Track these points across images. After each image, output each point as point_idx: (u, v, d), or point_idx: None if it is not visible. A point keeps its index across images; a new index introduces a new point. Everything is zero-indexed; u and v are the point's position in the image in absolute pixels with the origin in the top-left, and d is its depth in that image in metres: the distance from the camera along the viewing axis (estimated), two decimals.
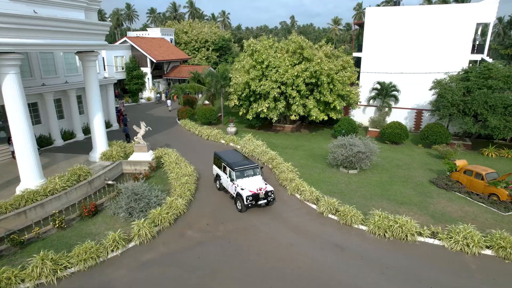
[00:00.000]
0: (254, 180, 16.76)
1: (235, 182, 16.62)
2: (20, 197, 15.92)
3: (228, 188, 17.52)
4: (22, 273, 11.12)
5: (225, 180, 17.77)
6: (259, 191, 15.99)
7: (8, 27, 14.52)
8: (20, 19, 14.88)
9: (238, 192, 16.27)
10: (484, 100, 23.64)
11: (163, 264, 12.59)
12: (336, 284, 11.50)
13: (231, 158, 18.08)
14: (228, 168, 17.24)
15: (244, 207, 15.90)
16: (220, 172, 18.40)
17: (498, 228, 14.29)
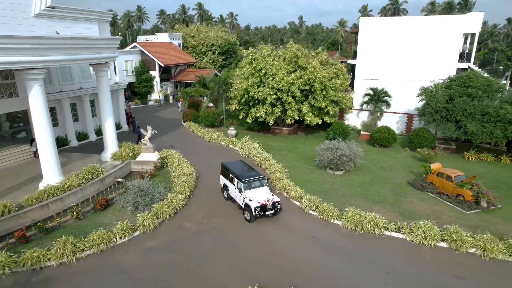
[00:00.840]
0: (262, 191, 17.61)
1: (243, 193, 17.39)
2: (43, 192, 18.49)
3: (236, 198, 18.30)
4: (48, 253, 13.63)
5: (233, 190, 18.58)
6: (266, 202, 16.86)
7: (35, 47, 17.05)
8: (45, 40, 17.41)
9: (246, 203, 17.09)
10: (463, 108, 25.43)
11: (163, 250, 14.96)
12: (311, 271, 13.67)
13: (238, 169, 18.78)
14: (236, 179, 18.02)
15: (253, 217, 16.76)
16: (227, 182, 19.19)
17: (456, 224, 16.24)
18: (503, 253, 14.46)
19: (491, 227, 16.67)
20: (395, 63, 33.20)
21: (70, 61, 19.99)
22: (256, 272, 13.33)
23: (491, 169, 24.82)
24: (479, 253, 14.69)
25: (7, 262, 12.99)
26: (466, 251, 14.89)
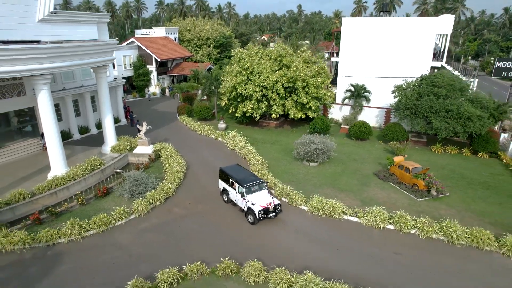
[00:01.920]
0: (262, 195, 18.73)
1: (245, 197, 18.45)
2: (51, 182, 21.33)
3: (238, 202, 19.29)
4: (59, 232, 16.55)
5: (233, 194, 19.55)
6: (269, 206, 18.06)
7: (42, 57, 19.56)
8: (51, 49, 19.89)
9: (249, 207, 18.16)
10: (430, 105, 27.96)
11: (154, 231, 17.86)
12: (274, 247, 16.55)
13: (238, 174, 19.75)
14: (237, 184, 18.94)
15: (257, 220, 17.87)
16: (227, 187, 20.11)
17: (405, 210, 19.05)
18: (437, 233, 17.32)
19: (435, 212, 19.52)
20: (375, 61, 35.50)
21: (73, 66, 22.53)
22: (230, 248, 16.22)
23: (452, 161, 27.54)
24: (418, 233, 17.56)
25: (27, 239, 15.93)
26: (408, 232, 17.76)
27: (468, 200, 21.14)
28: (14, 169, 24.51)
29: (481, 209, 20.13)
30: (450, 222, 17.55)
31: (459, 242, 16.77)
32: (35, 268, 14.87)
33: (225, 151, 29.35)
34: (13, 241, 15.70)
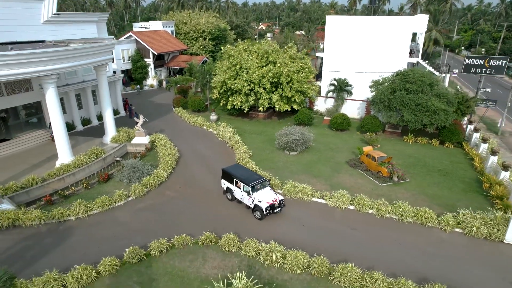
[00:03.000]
0: (266, 192, 20.10)
1: (252, 195, 19.79)
2: (59, 169, 24.32)
3: (244, 200, 20.57)
4: (69, 211, 19.62)
5: (238, 193, 20.79)
6: (274, 202, 19.50)
7: (50, 59, 22.23)
8: (57, 52, 22.54)
9: (256, 204, 19.49)
10: (401, 99, 30.69)
11: (149, 210, 20.91)
12: (249, 223, 19.61)
13: (242, 174, 21.06)
14: (242, 183, 20.19)
15: (264, 216, 19.36)
16: (231, 186, 21.32)
17: (365, 194, 22.05)
18: (390, 212, 20.35)
19: (393, 195, 22.51)
20: (357, 57, 38.01)
21: (77, 66, 25.20)
22: (211, 224, 19.27)
23: (420, 150, 30.42)
24: (374, 213, 20.60)
25: (42, 216, 19.02)
26: (366, 212, 20.79)
27: (424, 185, 24.12)
28: (25, 158, 27.48)
29: (433, 192, 23.13)
30: (401, 203, 20.56)
31: (407, 220, 19.83)
32: (50, 239, 17.99)
33: (215, 141, 32.26)
34: (31, 217, 18.79)
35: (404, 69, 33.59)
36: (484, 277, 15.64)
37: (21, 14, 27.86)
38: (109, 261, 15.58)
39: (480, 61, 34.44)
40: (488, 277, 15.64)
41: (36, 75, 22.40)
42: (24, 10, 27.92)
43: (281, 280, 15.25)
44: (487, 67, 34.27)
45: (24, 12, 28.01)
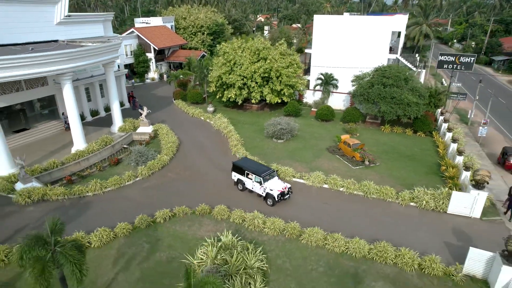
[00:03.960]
0: (275, 181, 22.62)
1: (263, 185, 22.20)
2: (75, 154, 28.02)
3: (255, 190, 22.88)
4: (87, 188, 23.40)
5: (250, 184, 23.08)
6: (284, 189, 22.12)
7: (66, 59, 25.72)
8: (71, 53, 26.01)
9: (268, 193, 21.89)
10: (378, 93, 34.19)
11: (154, 188, 24.67)
12: (238, 198, 23.38)
13: (252, 166, 23.30)
14: (253, 175, 22.47)
15: (276, 202, 21.84)
16: (242, 178, 23.52)
17: (338, 175, 25.76)
18: (357, 190, 24.08)
19: (363, 176, 26.17)
20: (342, 53, 41.35)
21: (89, 65, 28.71)
22: (206, 198, 23.00)
23: (395, 139, 34.05)
24: (344, 190, 24.35)
25: (65, 192, 22.82)
26: (338, 190, 24.54)
27: (392, 168, 27.85)
28: (43, 145, 31.17)
29: (398, 174, 26.86)
30: (367, 182, 24.28)
31: (371, 196, 23.59)
32: (73, 210, 21.80)
33: (211, 131, 35.89)
34: (57, 193, 22.59)
35: (383, 65, 36.97)
36: (425, 238, 19.44)
37: (37, 16, 31.22)
38: (123, 226, 19.42)
39: (452, 58, 37.81)
40: (428, 238, 19.43)
41: (56, 73, 25.93)
42: (39, 13, 31.28)
43: (261, 240, 19.08)
44: (458, 63, 37.66)
45: (39, 15, 31.37)
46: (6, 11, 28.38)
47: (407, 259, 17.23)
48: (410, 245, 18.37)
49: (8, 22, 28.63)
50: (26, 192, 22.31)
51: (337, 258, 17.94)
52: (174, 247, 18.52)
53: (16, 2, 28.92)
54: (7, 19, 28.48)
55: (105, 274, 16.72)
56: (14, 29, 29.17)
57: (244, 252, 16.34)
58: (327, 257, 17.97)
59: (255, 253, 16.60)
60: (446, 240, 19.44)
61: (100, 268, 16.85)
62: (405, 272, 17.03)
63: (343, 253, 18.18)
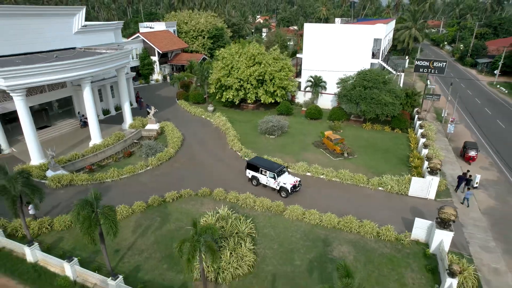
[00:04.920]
0: (287, 176, 25.98)
1: (277, 179, 25.49)
2: (93, 148, 32.36)
3: (270, 184, 25.96)
4: (106, 175, 27.78)
5: (264, 179, 26.24)
6: (296, 183, 25.49)
7: (86, 66, 30.04)
8: (92, 60, 30.32)
9: (282, 186, 25.15)
10: (359, 94, 38.52)
11: (162, 175, 29.03)
12: (231, 181, 27.74)
13: (265, 164, 26.52)
14: (268, 171, 25.65)
15: (289, 194, 25.07)
16: (257, 174, 26.61)
17: (319, 165, 30.10)
18: (335, 177, 28.44)
19: (341, 166, 30.52)
20: (330, 58, 45.64)
21: (105, 70, 33.07)
22: (207, 183, 27.28)
23: (374, 135, 38.40)
24: (324, 177, 28.72)
25: (89, 178, 27.20)
26: (318, 177, 28.90)
27: (367, 160, 32.21)
28: (63, 140, 35.49)
29: (373, 164, 31.22)
30: (343, 171, 28.67)
31: (346, 182, 27.96)
32: None
33: (211, 128, 40.25)
34: (82, 179, 26.98)
35: (365, 69, 41.28)
36: (386, 215, 23.76)
37: (59, 27, 35.51)
38: (139, 204, 23.83)
39: (427, 63, 42.15)
40: (388, 215, 23.76)
41: (79, 78, 30.25)
42: (61, 25, 35.59)
43: (251, 214, 23.44)
44: (432, 67, 41.99)
45: (61, 26, 35.67)
46: (34, 24, 32.65)
47: (368, 229, 21.63)
48: (373, 219, 22.67)
49: (36, 33, 32.91)
50: (57, 178, 26.68)
51: (312, 228, 22.33)
52: (181, 219, 22.91)
53: (42, 16, 33.24)
54: (35, 30, 32.76)
55: (128, 239, 21.12)
56: (40, 38, 33.47)
57: (237, 221, 20.71)
58: (304, 227, 22.36)
59: (246, 222, 20.97)
60: (403, 216, 23.80)
61: (123, 235, 21.18)
62: (365, 238, 21.43)
63: (317, 224, 22.57)
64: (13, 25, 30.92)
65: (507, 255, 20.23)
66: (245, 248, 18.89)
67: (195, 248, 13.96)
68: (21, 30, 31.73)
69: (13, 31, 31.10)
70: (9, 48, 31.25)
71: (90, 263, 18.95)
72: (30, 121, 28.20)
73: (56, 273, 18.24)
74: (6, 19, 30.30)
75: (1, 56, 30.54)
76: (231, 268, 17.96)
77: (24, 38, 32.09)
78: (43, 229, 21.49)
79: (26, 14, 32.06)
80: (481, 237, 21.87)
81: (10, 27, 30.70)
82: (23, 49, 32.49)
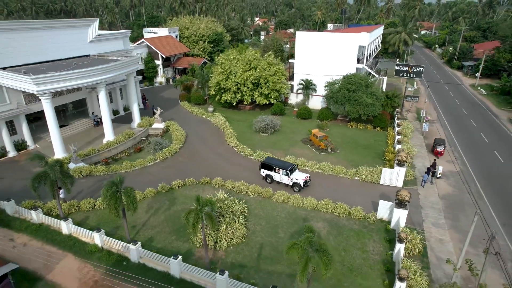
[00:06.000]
0: (298, 173, 29.53)
1: (290, 176, 28.86)
2: (107, 144, 36.79)
3: (283, 181, 29.23)
4: (120, 167, 32.25)
5: (278, 177, 29.44)
6: (306, 179, 29.16)
7: (103, 72, 34.47)
8: (107, 67, 34.74)
9: (294, 182, 28.58)
10: (344, 96, 42.94)
11: (168, 167, 33.47)
12: (228, 173, 32.17)
13: (279, 163, 29.90)
14: (281, 169, 28.98)
15: (302, 189, 28.54)
16: (270, 173, 29.80)
17: (305, 158, 34.52)
18: (318, 168, 32.86)
19: (324, 159, 34.91)
20: (319, 63, 50.00)
21: (118, 75, 37.54)
22: (207, 173, 31.71)
23: (357, 133, 42.83)
24: (309, 169, 33.14)
25: (105, 170, 31.68)
26: (303, 168, 33.29)
27: (348, 154, 36.65)
28: (79, 138, 39.92)
29: (352, 158, 35.64)
30: (325, 163, 33.12)
31: (327, 173, 32.40)
32: None
33: (211, 126, 44.71)
34: (99, 170, 31.47)
35: (349, 73, 45.69)
36: (359, 199, 28.10)
37: (76, 37, 39.96)
38: (150, 190, 28.29)
39: (406, 67, 46.60)
40: (361, 199, 28.08)
41: (96, 83, 34.70)
42: (78, 35, 40.06)
43: (244, 198, 27.87)
44: (410, 72, 46.44)
45: (77, 36, 40.13)
46: (56, 35, 37.12)
47: (341, 209, 26.07)
48: (347, 202, 27.05)
49: (57, 43, 37.38)
50: (78, 169, 31.16)
51: (295, 209, 26.79)
52: (186, 203, 27.35)
53: (63, 28, 37.71)
54: (56, 40, 37.23)
55: (141, 217, 25.61)
56: (60, 47, 37.93)
57: (232, 202, 25.17)
58: (288, 209, 26.82)
59: (239, 203, 25.42)
60: (373, 200, 28.18)
61: (138, 214, 25.59)
62: (338, 217, 25.88)
63: (299, 206, 27.02)
64: (39, 37, 35.39)
65: (452, 230, 24.69)
66: (238, 223, 23.34)
67: (198, 216, 18.39)
68: (45, 40, 36.18)
69: (38, 42, 35.56)
70: (34, 57, 35.73)
71: (112, 235, 23.35)
72: (55, 120, 32.62)
73: (86, 242, 22.69)
74: (33, 32, 34.78)
75: (27, 64, 35.00)
76: (226, 238, 22.43)
77: (46, 47, 36.56)
78: (72, 210, 25.99)
79: (49, 27, 36.51)
80: (434, 216, 26.33)
81: (36, 39, 35.16)
82: (46, 57, 36.96)
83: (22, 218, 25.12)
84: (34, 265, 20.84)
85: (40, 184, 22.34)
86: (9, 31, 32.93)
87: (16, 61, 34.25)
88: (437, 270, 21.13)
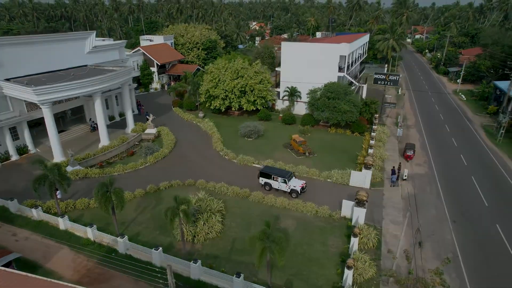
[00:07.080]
0: (295, 180, 31.57)
1: (288, 183, 30.80)
2: (102, 148, 39.90)
3: (281, 188, 31.08)
4: (113, 170, 35.35)
5: (276, 184, 31.31)
6: (303, 185, 31.33)
7: (99, 82, 37.57)
8: (103, 78, 37.85)
9: (292, 189, 30.50)
10: (323, 103, 46.02)
11: (158, 170, 36.50)
12: (213, 175, 35.23)
13: (277, 171, 31.86)
14: (279, 177, 30.88)
15: (299, 195, 30.46)
16: (269, 181, 31.59)
17: (283, 162, 37.54)
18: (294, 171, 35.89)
19: (302, 163, 37.86)
20: (304, 71, 53.04)
21: (113, 85, 40.66)
22: (193, 176, 34.78)
23: (336, 137, 45.89)
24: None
25: (100, 172, 34.75)
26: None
27: (325, 158, 39.68)
28: (77, 142, 43.06)
29: (328, 161, 38.65)
30: (301, 166, 36.14)
31: (302, 175, 35.41)
32: None
33: (200, 132, 47.82)
34: (94, 172, 34.56)
35: (330, 82, 48.77)
36: (328, 199, 31.03)
37: (74, 49, 43.13)
38: (139, 191, 31.37)
39: (383, 76, 49.70)
40: (330, 199, 31.02)
41: (93, 92, 37.81)
42: (76, 47, 43.24)
43: (224, 198, 30.90)
44: (387, 80, 49.54)
45: (76, 48, 43.31)
46: (55, 48, 40.27)
47: (309, 208, 29.09)
48: (317, 202, 30.07)
49: (56, 54, 40.53)
50: (75, 172, 34.25)
51: (268, 208, 29.84)
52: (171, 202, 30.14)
53: (62, 41, 40.90)
54: (55, 52, 40.38)
55: (130, 215, 28.67)
56: (59, 59, 41.08)
57: (210, 201, 28.23)
58: (263, 208, 29.87)
59: (217, 203, 28.47)
60: (341, 200, 31.19)
61: (127, 212, 28.60)
62: (307, 215, 28.89)
63: (272, 205, 30.07)
64: (41, 50, 38.57)
65: (407, 227, 27.70)
66: (215, 219, 26.39)
67: (175, 212, 21.47)
68: (46, 53, 39.34)
69: (39, 55, 38.72)
70: (35, 68, 38.87)
71: (103, 231, 26.38)
72: (54, 126, 35.74)
73: (80, 236, 25.76)
74: (36, 45, 37.96)
75: (29, 75, 38.15)
76: (203, 233, 25.48)
77: (47, 59, 39.70)
78: (68, 208, 29.08)
79: (50, 40, 39.68)
80: (394, 214, 29.35)
81: (37, 52, 38.32)
82: (46, 68, 40.10)
83: (24, 215, 28.22)
84: (34, 255, 23.90)
85: (40, 186, 25.41)
86: (15, 45, 36.15)
87: (19, 72, 37.38)
88: (387, 260, 24.15)
